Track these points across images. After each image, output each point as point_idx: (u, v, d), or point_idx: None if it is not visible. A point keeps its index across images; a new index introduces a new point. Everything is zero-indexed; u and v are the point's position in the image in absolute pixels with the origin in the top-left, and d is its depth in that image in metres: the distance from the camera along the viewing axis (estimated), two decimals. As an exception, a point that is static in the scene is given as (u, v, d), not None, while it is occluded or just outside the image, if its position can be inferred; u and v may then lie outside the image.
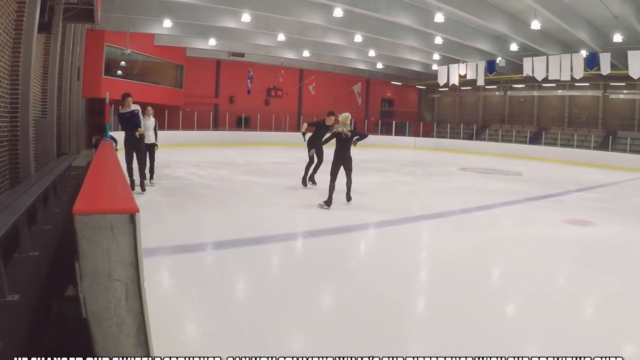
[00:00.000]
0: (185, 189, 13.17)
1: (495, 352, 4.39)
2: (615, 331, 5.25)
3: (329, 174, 11.42)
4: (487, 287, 6.63)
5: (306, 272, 6.63)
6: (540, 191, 16.82)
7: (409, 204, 12.55)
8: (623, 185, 22.44)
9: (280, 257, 7.45)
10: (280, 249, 7.78)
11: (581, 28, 27.93)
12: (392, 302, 5.69)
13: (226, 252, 7.39)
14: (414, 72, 45.84)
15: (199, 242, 7.76)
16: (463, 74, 37.28)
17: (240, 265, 6.86)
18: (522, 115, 47.81)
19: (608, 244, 9.79)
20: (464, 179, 19.42)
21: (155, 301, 4.00)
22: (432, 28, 27.66)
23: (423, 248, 8.71)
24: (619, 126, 41.60)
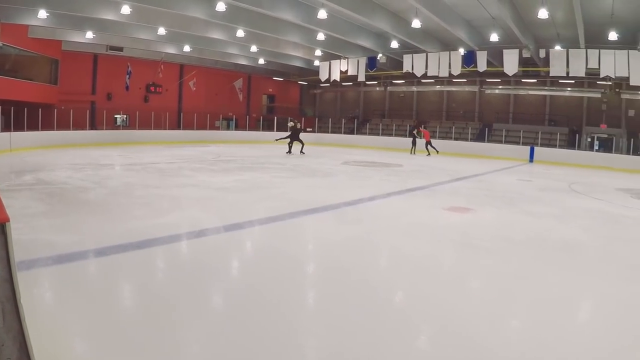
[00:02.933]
0: (62, 194, 12.34)
1: (386, 339, 4.60)
2: (502, 308, 5.73)
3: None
4: (375, 277, 6.61)
5: (193, 275, 6.32)
6: (421, 182, 17.20)
7: (293, 199, 12.39)
8: (499, 173, 23.39)
9: (165, 260, 7.09)
10: (165, 252, 7.41)
11: (460, 27, 28.88)
12: (280, 299, 5.54)
13: (110, 259, 6.94)
14: (296, 68, 46.12)
15: (80, 250, 7.22)
16: (344, 70, 37.78)
17: (125, 272, 6.46)
18: (402, 109, 49.05)
19: (487, 228, 10.28)
20: (346, 172, 19.51)
21: (37, 318, 3.66)
22: (315, 24, 27.75)
23: (309, 242, 8.57)
24: (494, 119, 43.72)
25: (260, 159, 23.20)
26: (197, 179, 15.33)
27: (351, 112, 51.67)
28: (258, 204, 11.58)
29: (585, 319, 5.83)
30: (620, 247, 9.37)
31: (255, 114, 49.38)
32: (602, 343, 4.91)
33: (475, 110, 45.66)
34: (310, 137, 42.53)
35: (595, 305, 6.23)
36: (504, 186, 18.15)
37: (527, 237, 9.69)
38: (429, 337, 4.91)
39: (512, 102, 44.10)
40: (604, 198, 16.33)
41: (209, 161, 21.01)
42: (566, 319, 5.51)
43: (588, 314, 5.99)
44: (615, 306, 6.01)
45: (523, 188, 17.88)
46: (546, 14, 23.94)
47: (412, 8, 25.14)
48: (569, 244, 9.19)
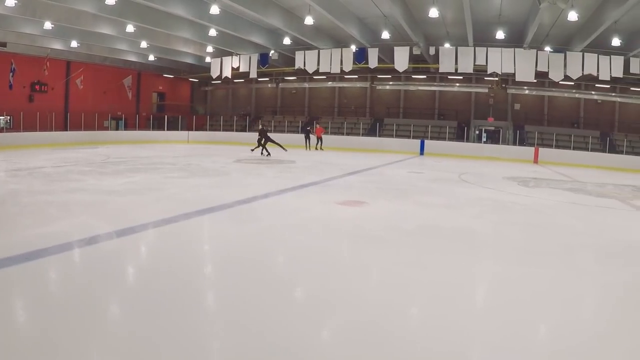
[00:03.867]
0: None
1: (290, 333, 4.59)
2: (401, 296, 5.79)
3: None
4: (274, 273, 6.58)
5: (88, 285, 6.01)
6: (314, 177, 17.32)
7: (186, 200, 12.14)
8: (390, 166, 23.92)
9: (57, 271, 6.69)
10: (57, 262, 7.02)
11: (352, 25, 29.31)
12: (180, 302, 5.40)
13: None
14: (187, 65, 45.26)
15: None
16: (236, 67, 37.51)
17: (15, 286, 6.01)
18: (294, 106, 49.36)
19: (381, 220, 10.42)
20: (239, 170, 19.41)
21: None
22: (207, 20, 27.45)
23: (205, 243, 8.42)
24: (385, 114, 44.73)
25: (151, 159, 22.67)
26: (87, 182, 14.69)
27: (243, 109, 51.44)
28: (151, 206, 11.25)
29: (482, 301, 6.06)
30: (510, 232, 9.84)
31: (145, 112, 47.95)
32: (499, 323, 5.13)
33: (366, 106, 46.53)
34: (201, 136, 42.19)
35: (490, 287, 6.51)
36: (396, 179, 18.57)
37: (420, 226, 9.96)
38: (332, 329, 4.94)
39: (403, 98, 45.25)
40: (492, 187, 17.08)
41: (98, 163, 20.26)
42: (463, 303, 5.70)
43: (483, 296, 6.23)
44: (508, 287, 6.32)
45: (415, 180, 18.39)
46: (437, 13, 24.77)
47: (305, 5, 25.34)
48: (461, 232, 9.50)
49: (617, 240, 9.52)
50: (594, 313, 5.75)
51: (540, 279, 6.64)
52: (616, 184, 20.98)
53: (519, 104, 42.98)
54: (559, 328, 5.09)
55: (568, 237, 9.56)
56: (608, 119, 42.08)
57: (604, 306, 5.90)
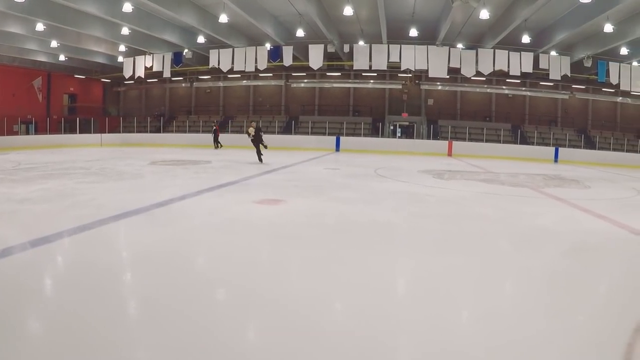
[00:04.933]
0: None
1: (217, 336, 4.55)
2: (324, 291, 5.79)
3: None
4: (194, 276, 6.45)
5: (2, 300, 5.76)
6: (231, 177, 17.14)
7: (101, 205, 11.72)
8: (307, 163, 24.04)
9: None
10: None
11: (267, 23, 29.36)
12: (100, 312, 5.22)
13: None
14: (99, 65, 44.04)
15: None
16: (149, 66, 36.86)
17: None
18: (209, 105, 49.04)
19: (299, 217, 10.42)
20: (155, 172, 19.00)
21: None
22: (120, 18, 26.84)
23: (123, 249, 8.14)
24: (300, 111, 45.04)
25: (63, 164, 21.93)
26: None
27: (157, 109, 50.62)
28: (65, 214, 10.84)
29: (403, 291, 6.16)
30: (427, 223, 10.00)
31: (56, 115, 46.37)
32: (422, 311, 5.23)
33: (281, 104, 46.69)
34: (115, 138, 41.21)
35: (410, 277, 6.61)
36: (313, 175, 18.62)
37: (338, 222, 9.97)
38: (259, 328, 4.91)
39: (318, 95, 45.57)
40: (408, 180, 17.41)
41: (8, 170, 19.45)
42: (385, 294, 5.77)
43: (405, 286, 6.33)
44: (428, 276, 6.44)
45: (331, 176, 18.49)
46: (351, 11, 25.05)
47: (219, 3, 25.19)
48: (379, 225, 9.60)
49: (531, 227, 9.91)
50: (512, 296, 5.96)
51: (459, 267, 6.80)
52: (528, 173, 21.77)
53: (432, 99, 43.99)
54: (480, 313, 5.25)
55: (484, 226, 9.86)
56: (519, 112, 43.87)
57: (522, 289, 6.13)
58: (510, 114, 43.44)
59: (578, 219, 11.09)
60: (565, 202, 13.42)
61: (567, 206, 12.89)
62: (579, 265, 7.27)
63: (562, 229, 9.80)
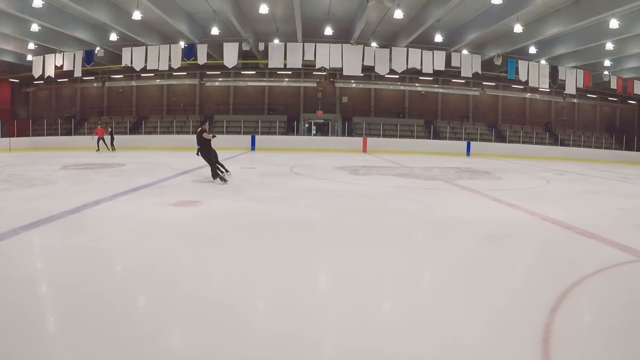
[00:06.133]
0: None
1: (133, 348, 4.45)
2: (243, 292, 5.72)
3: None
4: (111, 285, 6.19)
5: None
6: (146, 180, 16.80)
7: (11, 215, 11.03)
8: (227, 161, 23.74)
9: None
10: None
11: (181, 20, 29.08)
12: (16, 327, 5.05)
13: None
14: (7, 64, 42.45)
15: None
16: (60, 65, 35.87)
17: None
18: (122, 105, 48.14)
19: (216, 218, 10.30)
20: (67, 177, 18.34)
21: None
22: (29, 14, 25.91)
23: (35, 260, 7.63)
24: (214, 110, 44.98)
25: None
26: None
27: (68, 111, 49.16)
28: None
29: (324, 286, 6.24)
30: (345, 219, 10.08)
31: (-41, 118, 44.65)
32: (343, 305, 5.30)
33: (196, 103, 46.23)
34: (25, 142, 39.68)
35: (332, 273, 6.66)
36: (230, 175, 18.48)
37: (256, 221, 9.89)
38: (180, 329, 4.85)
39: (232, 94, 45.45)
40: (324, 177, 17.59)
41: None
42: (307, 290, 5.84)
43: (327, 282, 6.39)
44: (349, 271, 6.51)
45: (247, 175, 18.48)
46: (267, 10, 25.17)
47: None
48: (298, 223, 9.63)
49: (446, 218, 10.18)
50: (431, 285, 6.14)
51: (378, 260, 6.92)
52: (441, 167, 22.34)
53: (346, 97, 44.48)
54: (401, 302, 5.38)
55: (401, 219, 10.05)
56: (431, 108, 45.05)
57: (441, 277, 6.28)
58: (424, 110, 44.50)
59: (491, 208, 11.50)
60: (478, 193, 13.88)
61: (480, 197, 13.35)
62: (494, 252, 7.55)
63: (476, 218, 10.09)
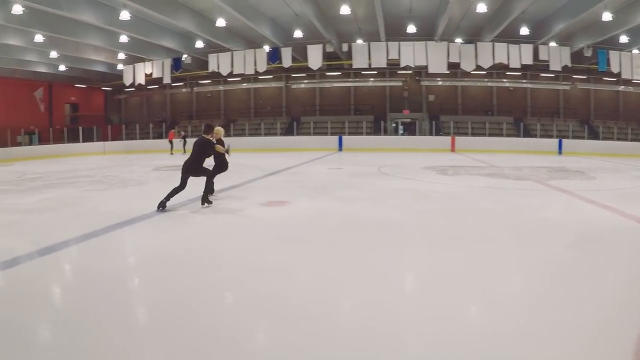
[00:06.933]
0: None
1: (234, 338, 4.42)
2: (330, 292, 5.70)
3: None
4: (202, 282, 6.37)
5: (12, 309, 5.60)
6: (234, 180, 17.09)
7: (106, 213, 11.52)
8: (310, 164, 23.95)
9: None
10: None
11: (264, 25, 29.33)
12: (109, 320, 5.15)
13: None
14: (99, 73, 44.31)
15: None
16: (149, 73, 36.92)
17: None
18: (210, 109, 48.91)
19: (305, 218, 10.40)
20: (158, 178, 18.79)
21: None
22: (118, 26, 26.91)
23: (129, 256, 7.82)
24: (301, 112, 44.89)
25: (67, 173, 21.95)
26: (2, 202, 14.20)
27: (158, 115, 50.55)
28: (71, 222, 10.82)
29: (409, 287, 6.14)
30: (432, 220, 9.95)
31: (58, 125, 46.40)
32: (429, 305, 5.18)
33: (282, 105, 46.56)
34: (118, 146, 41.10)
35: (418, 274, 6.54)
36: (317, 176, 18.56)
37: (343, 221, 9.91)
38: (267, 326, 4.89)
39: (318, 95, 45.46)
40: (412, 177, 17.37)
41: (13, 182, 19.47)
42: (393, 290, 5.74)
43: (412, 283, 6.29)
44: (435, 272, 6.38)
45: (335, 176, 18.44)
46: (348, 10, 25.04)
47: (216, 7, 25.19)
48: (385, 224, 9.53)
49: (537, 219, 9.83)
50: (520, 289, 5.91)
51: (465, 262, 6.78)
52: (532, 166, 21.71)
53: (433, 95, 43.85)
54: (488, 306, 5.23)
55: (489, 220, 9.84)
56: (520, 104, 43.66)
57: (529, 282, 6.05)
58: (512, 107, 43.32)
59: (584, 210, 11.01)
60: (570, 194, 13.34)
61: (573, 198, 12.80)
62: (586, 256, 7.22)
63: (568, 220, 9.76)
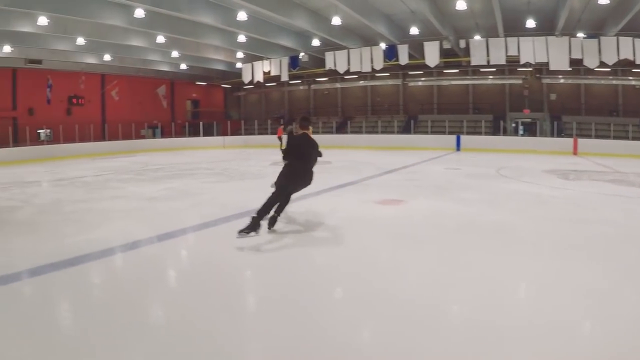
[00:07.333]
0: (-14, 215, 11.95)
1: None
2: (443, 294, 5.70)
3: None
4: (320, 274, 6.52)
5: (129, 288, 6.13)
6: (351, 177, 17.22)
7: (224, 204, 12.01)
8: (427, 163, 23.72)
9: (99, 276, 6.85)
10: (99, 267, 7.15)
11: (380, 22, 29.18)
12: (220, 306, 5.37)
13: (42, 279, 6.65)
14: (219, 72, 45.77)
15: (11, 272, 6.92)
16: (267, 71, 37.72)
17: (59, 290, 6.21)
18: (327, 107, 49.27)
19: (420, 218, 10.39)
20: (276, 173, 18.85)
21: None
22: (235, 26, 27.69)
23: (244, 247, 8.04)
24: (419, 110, 44.40)
25: (188, 165, 22.88)
26: (126, 190, 14.95)
27: (276, 112, 51.43)
28: (189, 211, 11.34)
29: (524, 297, 5.94)
30: (551, 227, 9.54)
31: (180, 120, 48.78)
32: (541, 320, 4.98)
33: (399, 103, 46.22)
34: (237, 140, 42.25)
35: (531, 282, 6.33)
36: (433, 176, 18.39)
37: (459, 223, 9.76)
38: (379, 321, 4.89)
39: (436, 93, 44.83)
40: (531, 180, 16.76)
41: (136, 171, 20.57)
42: (506, 299, 5.60)
43: (522, 290, 6.14)
44: (548, 282, 6.18)
45: (452, 176, 18.18)
46: (464, 5, 24.52)
47: (331, 5, 25.32)
48: (501, 228, 9.33)
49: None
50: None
51: (583, 275, 6.50)
52: (661, 173, 20.47)
53: (554, 93, 42.18)
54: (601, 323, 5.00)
55: (611, 231, 9.22)
56: (648, 104, 40.89)
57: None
58: (639, 108, 40.96)
59: None
60: None
61: None
62: None
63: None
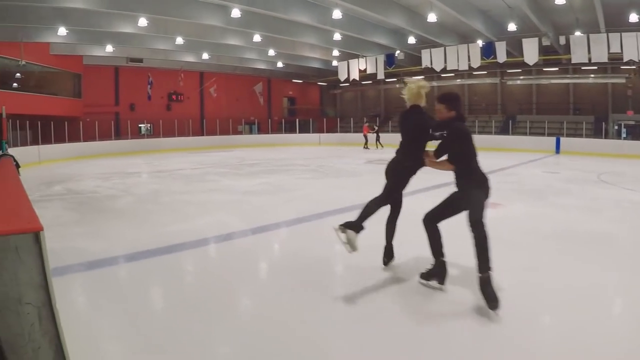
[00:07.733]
0: (90, 203, 12.47)
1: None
2: (534, 303, 5.65)
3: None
4: (408, 274, 6.52)
5: (222, 278, 6.32)
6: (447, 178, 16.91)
7: (318, 200, 12.14)
8: (525, 166, 23.16)
9: (194, 264, 7.12)
10: (193, 256, 7.42)
11: (477, 19, 28.67)
12: (307, 300, 5.50)
13: (139, 264, 6.97)
14: (315, 69, 46.09)
15: (110, 256, 7.26)
16: (363, 69, 37.74)
17: (154, 276, 6.49)
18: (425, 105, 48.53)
19: (516, 222, 10.13)
20: (371, 171, 19.26)
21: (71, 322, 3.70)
22: (331, 25, 27.81)
23: (336, 243, 8.17)
24: (517, 110, 43.19)
25: (284, 161, 23.22)
26: (223, 183, 15.38)
27: (372, 110, 51.35)
28: (284, 206, 11.56)
29: (618, 312, 5.70)
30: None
31: (276, 116, 49.70)
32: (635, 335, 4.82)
33: (497, 103, 45.22)
34: (332, 138, 42.48)
35: (628, 299, 5.99)
36: (531, 179, 17.97)
37: (556, 230, 9.49)
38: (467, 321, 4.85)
39: (535, 92, 43.52)
40: (634, 188, 15.81)
41: (233, 165, 21.06)
42: (598, 313, 5.40)
43: (621, 307, 5.85)
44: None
45: (551, 180, 17.69)
46: (563, 0, 23.68)
47: (426, 2, 25.07)
48: (599, 237, 8.92)
49: None
50: None
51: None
52: None
53: (661, 94, 40.39)
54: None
55: None
56: None
57: None
58: None
59: None
60: None
61: None
62: None
63: None
